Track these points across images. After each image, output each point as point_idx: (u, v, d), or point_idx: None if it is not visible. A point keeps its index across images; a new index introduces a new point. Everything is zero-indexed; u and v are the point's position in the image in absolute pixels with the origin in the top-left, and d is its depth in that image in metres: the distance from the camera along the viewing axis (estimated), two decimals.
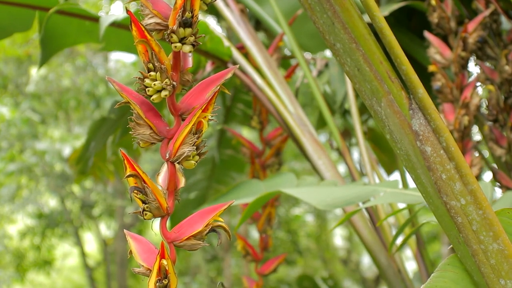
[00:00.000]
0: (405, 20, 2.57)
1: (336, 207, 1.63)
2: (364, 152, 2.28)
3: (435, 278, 1.04)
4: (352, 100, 2.42)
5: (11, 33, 2.29)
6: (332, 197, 1.66)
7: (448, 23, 2.07)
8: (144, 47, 1.09)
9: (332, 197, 1.66)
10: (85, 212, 8.80)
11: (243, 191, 2.01)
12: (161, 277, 1.06)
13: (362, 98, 1.05)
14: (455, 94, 2.03)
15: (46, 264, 9.46)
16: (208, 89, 1.13)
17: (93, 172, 3.38)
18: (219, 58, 2.37)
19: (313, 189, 1.82)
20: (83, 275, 11.26)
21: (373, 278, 9.45)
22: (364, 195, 1.67)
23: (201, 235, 1.10)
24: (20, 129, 7.43)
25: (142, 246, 1.12)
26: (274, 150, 2.46)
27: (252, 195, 1.90)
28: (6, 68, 7.80)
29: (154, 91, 1.09)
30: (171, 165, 1.11)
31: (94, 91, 7.42)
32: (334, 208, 1.62)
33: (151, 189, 1.08)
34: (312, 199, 1.68)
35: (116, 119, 2.79)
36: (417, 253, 2.24)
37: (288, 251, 8.67)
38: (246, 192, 1.99)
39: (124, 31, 2.25)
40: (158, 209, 1.09)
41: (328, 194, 1.69)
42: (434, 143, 1.01)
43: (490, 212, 1.00)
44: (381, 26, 1.01)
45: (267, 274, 2.39)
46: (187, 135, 1.10)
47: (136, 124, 1.11)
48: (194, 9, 1.07)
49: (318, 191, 1.78)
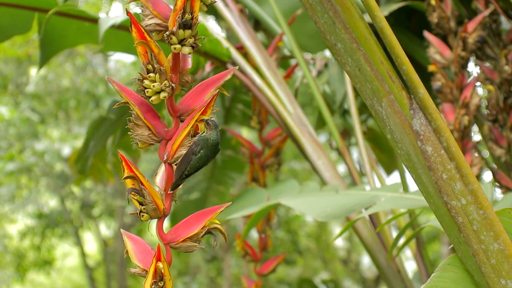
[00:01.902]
0: (404, 20, 2.57)
1: (336, 218, 1.63)
2: (363, 152, 2.28)
3: (435, 278, 1.04)
4: (352, 100, 2.42)
5: (10, 35, 2.29)
6: (332, 207, 1.66)
7: (448, 23, 2.07)
8: (143, 48, 1.09)
9: (331, 207, 1.66)
10: (85, 212, 8.80)
11: (247, 201, 2.03)
12: (156, 279, 1.07)
13: (363, 98, 1.05)
14: (455, 94, 2.03)
15: (46, 264, 9.45)
16: (207, 90, 1.13)
17: (93, 173, 3.38)
18: (218, 59, 2.37)
19: (313, 199, 1.82)
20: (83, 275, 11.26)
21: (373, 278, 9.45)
22: (365, 202, 1.68)
23: (197, 237, 1.11)
24: (20, 129, 7.43)
25: (138, 247, 1.12)
26: (273, 150, 2.46)
27: (255, 205, 1.92)
28: (6, 68, 7.80)
29: (153, 93, 1.09)
30: (168, 166, 1.11)
31: (94, 91, 7.41)
32: (334, 218, 1.63)
33: (148, 190, 1.08)
34: (312, 210, 1.69)
35: (115, 119, 2.79)
36: (417, 253, 2.24)
37: (288, 251, 8.67)
38: (250, 202, 2.00)
39: (123, 32, 2.25)
40: (155, 211, 1.09)
41: (328, 204, 1.70)
42: (435, 143, 1.01)
43: (491, 212, 1.00)
44: (382, 26, 1.01)
45: (266, 274, 2.39)
46: (185, 137, 1.10)
47: (135, 125, 1.11)
48: (194, 10, 1.07)
49: (318, 201, 1.79)
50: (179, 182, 1.10)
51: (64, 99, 7.54)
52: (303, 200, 1.83)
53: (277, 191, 2.01)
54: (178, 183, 1.11)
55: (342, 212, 1.63)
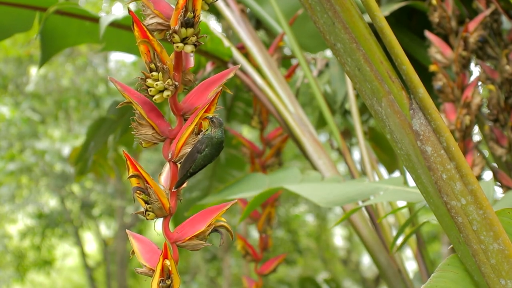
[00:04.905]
0: (405, 20, 2.57)
1: (338, 205, 1.63)
2: (364, 152, 2.28)
3: (435, 278, 1.04)
4: (353, 100, 2.42)
5: (11, 33, 2.29)
6: (334, 194, 1.66)
7: (449, 23, 2.07)
8: (146, 47, 1.09)
9: (334, 194, 1.66)
10: (85, 212, 8.79)
11: (248, 185, 2.01)
12: (164, 277, 1.07)
13: (363, 98, 1.05)
14: (456, 94, 2.03)
15: (46, 264, 9.45)
16: (209, 89, 1.13)
17: (94, 168, 3.38)
18: (219, 58, 2.37)
19: (315, 186, 1.82)
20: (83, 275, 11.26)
21: (373, 278, 9.45)
22: (367, 192, 1.67)
23: (204, 235, 1.11)
24: (20, 128, 7.43)
25: (144, 246, 1.12)
26: (274, 150, 2.46)
27: (256, 189, 1.90)
28: (6, 68, 7.80)
29: (156, 91, 1.09)
30: (173, 165, 1.11)
31: (94, 91, 7.41)
32: (336, 205, 1.62)
33: (154, 189, 1.08)
34: (314, 196, 1.68)
35: (115, 119, 2.79)
36: (417, 253, 2.24)
37: (288, 251, 8.67)
38: (250, 186, 1.99)
39: (125, 32, 2.25)
40: (161, 209, 1.09)
41: (330, 191, 1.69)
42: (435, 143, 1.01)
43: (491, 212, 1.00)
44: (381, 26, 1.01)
45: (266, 274, 2.39)
46: (190, 135, 1.10)
47: (139, 124, 1.11)
48: (196, 9, 1.07)
49: (320, 188, 1.78)
50: (183, 180, 1.11)
51: (64, 99, 7.54)
52: (305, 186, 1.83)
53: (278, 178, 1.99)
54: (183, 181, 1.11)
55: (344, 200, 1.62)
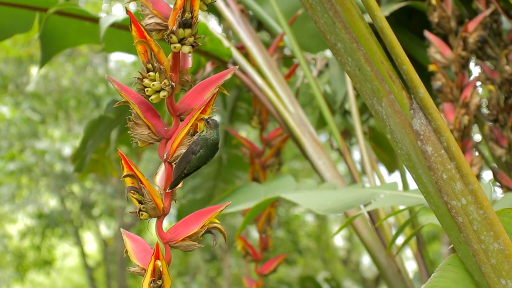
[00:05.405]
0: (405, 20, 2.57)
1: (336, 212, 1.63)
2: (364, 152, 2.28)
3: (435, 278, 1.04)
4: (353, 100, 2.42)
5: (11, 34, 2.29)
6: (332, 201, 1.66)
7: (449, 23, 2.07)
8: (143, 47, 1.09)
9: (331, 201, 1.66)
10: (85, 212, 8.79)
11: (244, 196, 2.02)
12: (155, 277, 1.07)
13: (363, 97, 1.05)
14: (455, 94, 2.03)
15: (46, 264, 9.45)
16: (207, 90, 1.13)
17: (97, 168, 3.38)
18: (219, 59, 2.37)
19: (312, 194, 1.82)
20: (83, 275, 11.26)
21: (373, 278, 9.45)
22: (364, 198, 1.67)
23: (197, 236, 1.11)
24: (20, 128, 7.43)
25: (138, 246, 1.12)
26: (274, 150, 2.46)
27: (252, 200, 1.91)
28: (6, 68, 7.80)
29: (153, 92, 1.09)
30: (168, 165, 1.11)
31: (94, 91, 7.41)
32: (334, 213, 1.62)
33: (148, 189, 1.08)
34: (312, 204, 1.68)
35: (114, 118, 2.79)
36: (417, 253, 2.24)
37: (288, 251, 8.67)
38: (246, 197, 1.99)
39: (125, 32, 2.25)
40: (154, 210, 1.09)
41: (327, 198, 1.69)
42: (435, 143, 1.01)
43: (491, 212, 1.00)
44: (382, 26, 1.01)
45: (267, 274, 2.39)
46: (185, 136, 1.10)
47: (135, 124, 1.11)
48: (193, 9, 1.07)
49: (317, 195, 1.79)
50: (178, 181, 1.11)
51: (64, 99, 7.54)
52: (302, 194, 1.83)
53: (274, 187, 2.00)
54: (177, 182, 1.11)
55: (342, 207, 1.63)
